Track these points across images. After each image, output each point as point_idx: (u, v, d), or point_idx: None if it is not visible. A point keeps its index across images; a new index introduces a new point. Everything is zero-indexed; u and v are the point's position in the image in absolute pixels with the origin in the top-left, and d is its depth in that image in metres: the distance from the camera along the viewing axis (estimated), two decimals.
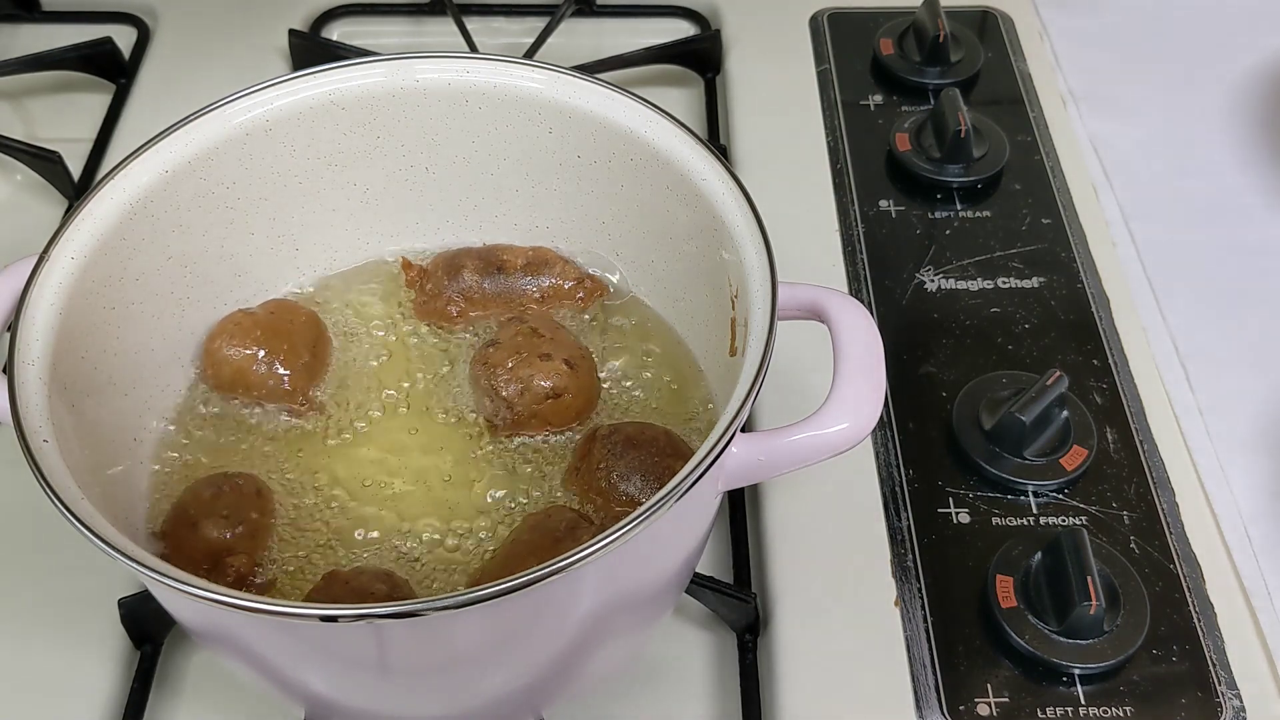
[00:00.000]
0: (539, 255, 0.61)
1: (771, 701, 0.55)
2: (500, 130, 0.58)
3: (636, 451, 0.52)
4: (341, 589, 0.48)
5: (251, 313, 0.58)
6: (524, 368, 0.55)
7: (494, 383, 0.55)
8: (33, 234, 0.71)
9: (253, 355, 0.56)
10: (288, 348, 0.56)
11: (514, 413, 0.55)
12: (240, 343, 0.56)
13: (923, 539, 0.60)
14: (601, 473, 0.52)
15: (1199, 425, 0.67)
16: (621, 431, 0.53)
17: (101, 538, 0.41)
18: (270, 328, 0.57)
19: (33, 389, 0.46)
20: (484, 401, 0.56)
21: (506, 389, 0.55)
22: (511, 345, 0.55)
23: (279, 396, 0.56)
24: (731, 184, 0.52)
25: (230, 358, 0.56)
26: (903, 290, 0.71)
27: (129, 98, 0.84)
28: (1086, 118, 0.85)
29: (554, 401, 0.55)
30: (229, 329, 0.57)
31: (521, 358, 0.55)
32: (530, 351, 0.55)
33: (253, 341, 0.56)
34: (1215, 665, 0.56)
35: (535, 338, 0.56)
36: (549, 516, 0.51)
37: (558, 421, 0.55)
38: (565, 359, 0.55)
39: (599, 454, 0.53)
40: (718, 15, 0.90)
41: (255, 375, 0.56)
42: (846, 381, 0.47)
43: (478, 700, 0.49)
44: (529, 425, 0.55)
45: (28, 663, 0.56)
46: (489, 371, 0.55)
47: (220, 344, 0.56)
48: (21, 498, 0.56)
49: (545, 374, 0.55)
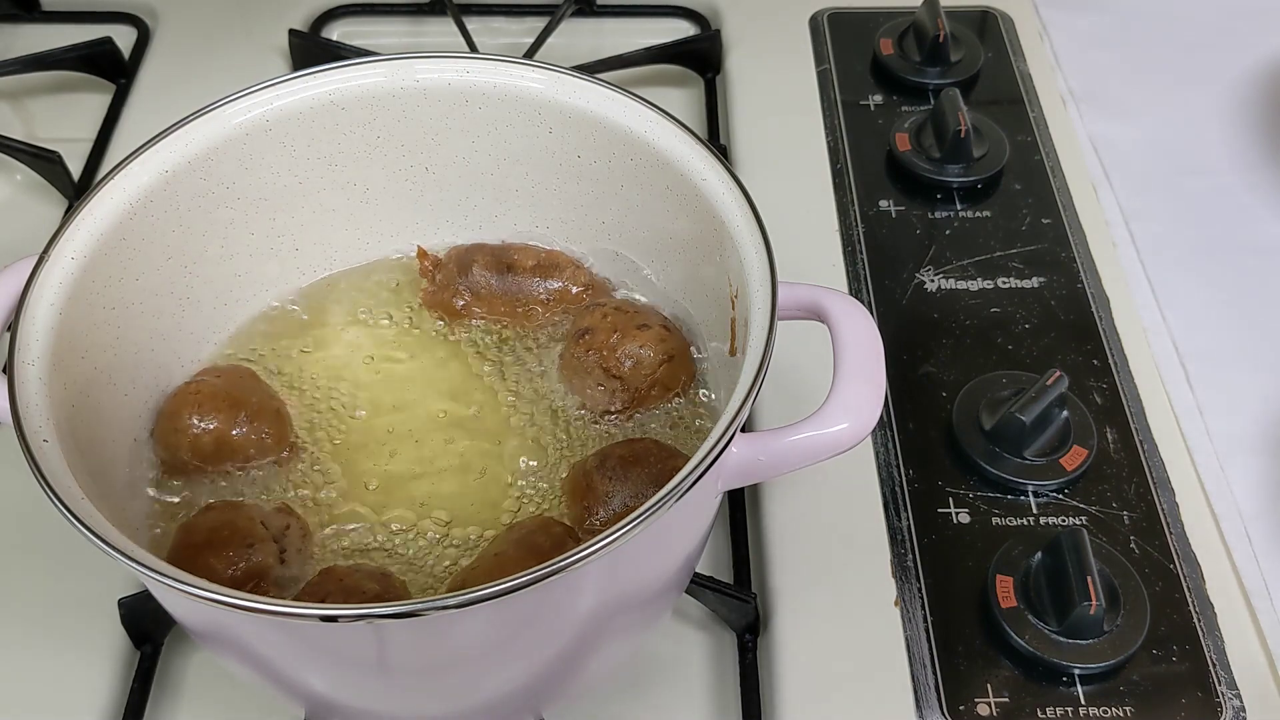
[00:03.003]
0: (550, 258, 0.61)
1: (771, 701, 0.55)
2: (500, 130, 0.58)
3: (636, 468, 0.52)
4: (335, 586, 0.48)
5: (203, 382, 0.55)
6: (629, 342, 0.55)
7: (606, 364, 0.55)
8: (33, 234, 0.71)
9: (231, 417, 0.53)
10: (256, 401, 0.55)
11: (632, 388, 0.55)
12: (212, 409, 0.53)
13: (923, 539, 0.60)
14: (613, 499, 0.51)
15: (1199, 425, 0.67)
16: (613, 456, 0.53)
17: (101, 538, 0.41)
18: (227, 391, 0.54)
19: (33, 389, 0.46)
20: (592, 390, 0.56)
21: (621, 367, 0.55)
22: (606, 326, 0.56)
23: (265, 451, 0.54)
24: (731, 184, 0.52)
25: (207, 428, 0.53)
26: (903, 290, 0.71)
27: (129, 98, 0.84)
28: (1086, 118, 0.85)
29: (668, 365, 0.55)
30: (192, 401, 0.54)
31: (622, 334, 0.55)
32: (627, 324, 0.56)
33: (224, 404, 0.54)
34: (1215, 665, 0.56)
35: (622, 313, 0.56)
36: (533, 533, 0.50)
37: (674, 385, 0.56)
38: (662, 324, 0.56)
39: (601, 485, 0.52)
40: (718, 15, 0.90)
41: (238, 439, 0.54)
42: (846, 381, 0.47)
43: (478, 700, 0.49)
44: (649, 398, 0.55)
45: (28, 663, 0.56)
46: (598, 356, 0.55)
47: (187, 417, 0.53)
48: (21, 498, 0.56)
49: (651, 342, 0.55)
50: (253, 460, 0.54)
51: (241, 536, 0.50)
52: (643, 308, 0.58)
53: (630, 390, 0.55)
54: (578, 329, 0.57)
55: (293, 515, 0.52)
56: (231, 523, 0.50)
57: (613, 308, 0.57)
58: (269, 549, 0.50)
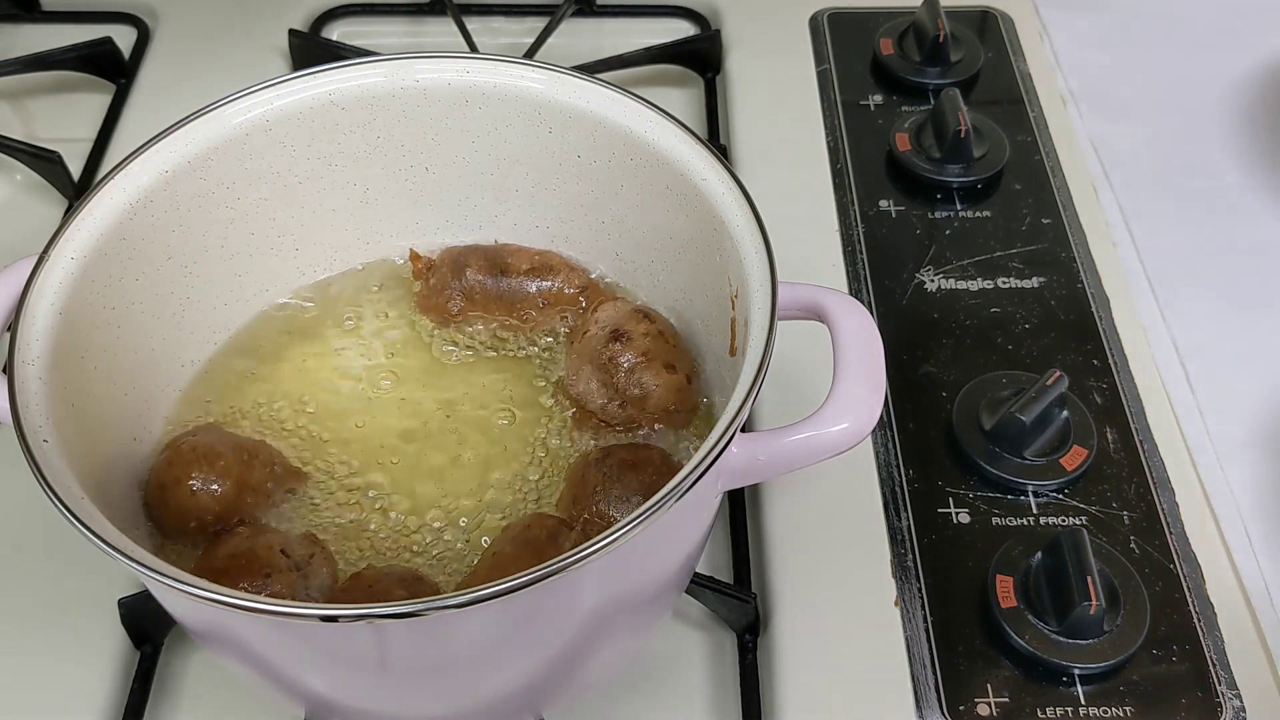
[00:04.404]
0: (544, 259, 0.60)
1: (771, 701, 0.55)
2: (500, 130, 0.58)
3: (633, 474, 0.52)
4: (364, 594, 0.48)
5: (194, 441, 0.53)
6: (649, 374, 0.54)
7: (617, 377, 0.55)
8: (33, 234, 0.71)
9: (247, 463, 0.52)
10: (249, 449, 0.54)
11: (624, 411, 0.55)
12: (218, 464, 0.52)
13: (923, 539, 0.60)
14: (600, 495, 0.52)
15: (1199, 425, 0.67)
16: (615, 455, 0.53)
17: (101, 538, 0.41)
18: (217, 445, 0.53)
19: (33, 389, 0.46)
20: (589, 383, 0.56)
21: (629, 389, 0.54)
22: (640, 345, 0.55)
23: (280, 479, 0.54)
24: (731, 184, 0.52)
25: (220, 482, 0.51)
26: (903, 290, 0.71)
27: (129, 98, 0.84)
28: (1086, 118, 0.85)
29: (668, 415, 0.55)
30: (191, 458, 0.52)
31: (649, 361, 0.55)
32: (658, 355, 0.55)
33: (229, 450, 0.52)
34: (1215, 665, 0.56)
35: (662, 341, 0.55)
36: (528, 528, 0.50)
37: (665, 424, 0.55)
38: (688, 374, 0.55)
39: (594, 479, 0.52)
40: (718, 15, 0.90)
41: (255, 479, 0.52)
42: (846, 381, 0.47)
43: (478, 700, 0.49)
44: (631, 424, 0.55)
45: (28, 662, 0.56)
46: (615, 365, 0.55)
47: (198, 476, 0.51)
48: (21, 498, 0.56)
49: (668, 388, 0.54)
50: (261, 506, 0.53)
51: (260, 566, 0.48)
52: (682, 346, 0.57)
53: (621, 411, 0.55)
54: (615, 328, 0.56)
55: (317, 544, 0.51)
56: (251, 550, 0.49)
57: (657, 331, 0.56)
58: (288, 579, 0.48)
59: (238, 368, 0.59)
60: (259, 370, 0.59)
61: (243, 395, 0.58)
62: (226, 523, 0.51)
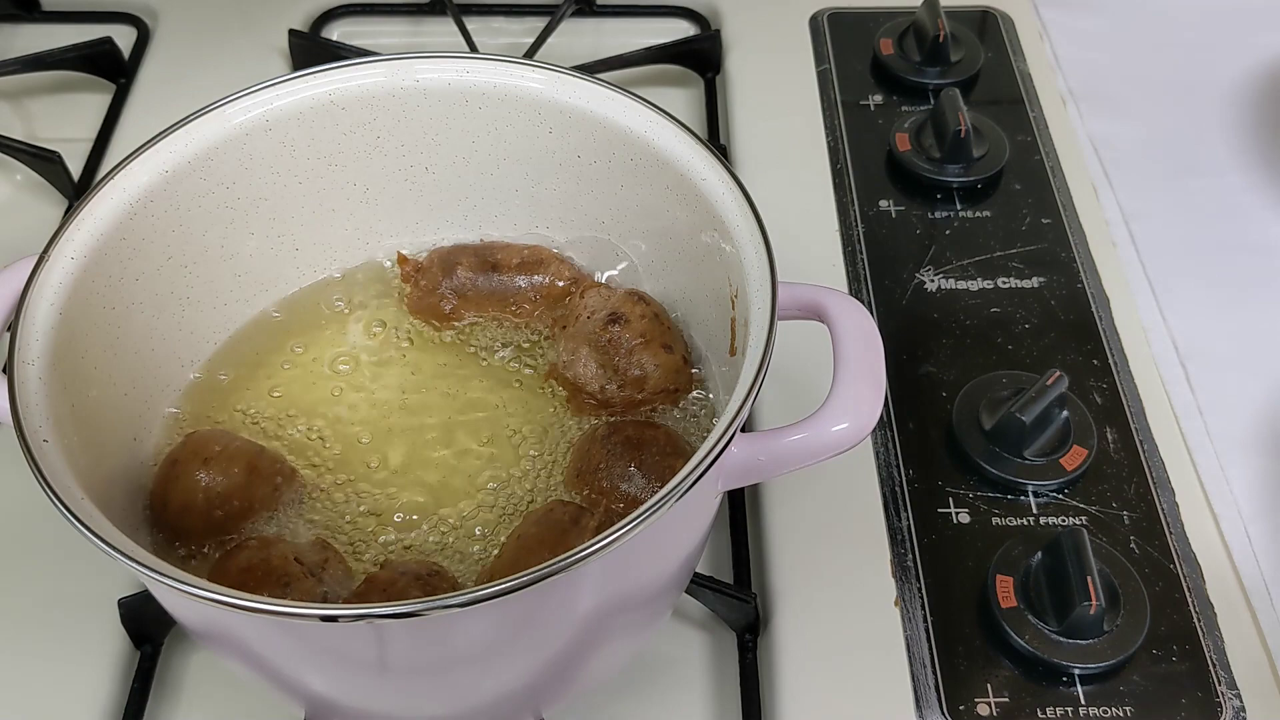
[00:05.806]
0: (534, 254, 0.61)
1: (771, 701, 0.55)
2: (500, 130, 0.58)
3: (637, 452, 0.52)
4: (379, 597, 0.48)
5: (202, 437, 0.54)
6: (647, 354, 0.55)
7: (615, 358, 0.55)
8: (33, 234, 0.71)
9: (256, 451, 0.52)
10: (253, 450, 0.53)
11: (621, 392, 0.55)
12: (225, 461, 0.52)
13: (923, 539, 0.60)
14: (603, 473, 0.52)
15: (1199, 425, 0.67)
16: (622, 432, 0.53)
17: (101, 537, 0.41)
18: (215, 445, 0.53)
19: (33, 389, 0.46)
20: (586, 365, 0.56)
21: (626, 370, 0.55)
22: (637, 328, 0.56)
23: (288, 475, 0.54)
24: (731, 184, 0.52)
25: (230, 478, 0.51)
26: (903, 290, 0.71)
27: (129, 98, 0.84)
28: (1086, 118, 0.85)
29: (665, 395, 0.56)
30: (198, 457, 0.52)
31: (646, 342, 0.55)
32: (655, 337, 0.56)
33: (234, 448, 0.52)
34: (1215, 665, 0.56)
35: (658, 324, 0.56)
36: (551, 511, 0.51)
37: (659, 404, 0.56)
38: (684, 355, 0.56)
39: (598, 455, 0.53)
40: (718, 15, 0.90)
41: (260, 478, 0.52)
42: (846, 381, 0.47)
43: (478, 700, 0.49)
44: (628, 406, 0.56)
45: (28, 662, 0.56)
46: (613, 347, 0.55)
47: (209, 472, 0.51)
48: (21, 498, 0.56)
49: (665, 369, 0.55)
50: (266, 507, 0.53)
51: (276, 576, 0.48)
52: (675, 328, 0.58)
53: (618, 392, 0.55)
54: (612, 311, 0.57)
55: (329, 549, 0.51)
56: (265, 561, 0.49)
57: (653, 313, 0.57)
58: (305, 586, 0.48)
59: (238, 368, 0.59)
60: (259, 371, 0.59)
61: (243, 396, 0.58)
62: (230, 525, 0.51)
